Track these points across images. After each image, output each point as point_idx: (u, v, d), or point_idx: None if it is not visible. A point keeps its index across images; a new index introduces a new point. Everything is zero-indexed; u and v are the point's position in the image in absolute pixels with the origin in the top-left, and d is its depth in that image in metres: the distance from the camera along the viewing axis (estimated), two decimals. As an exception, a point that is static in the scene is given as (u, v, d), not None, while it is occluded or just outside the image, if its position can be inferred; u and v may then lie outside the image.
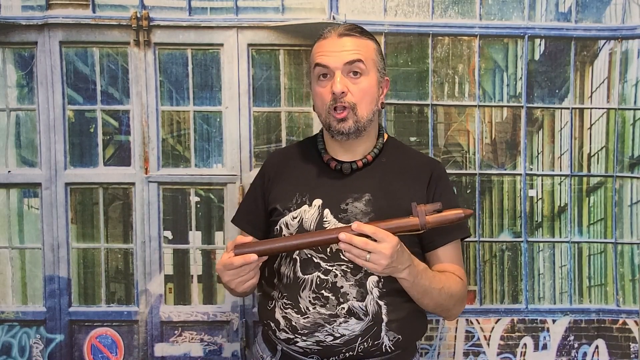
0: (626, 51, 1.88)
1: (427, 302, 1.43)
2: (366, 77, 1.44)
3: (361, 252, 1.28)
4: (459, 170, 1.91)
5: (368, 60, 1.44)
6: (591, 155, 1.92)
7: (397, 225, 1.32)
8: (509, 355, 1.93)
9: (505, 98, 1.91)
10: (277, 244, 1.36)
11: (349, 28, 1.46)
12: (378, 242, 1.27)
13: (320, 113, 1.48)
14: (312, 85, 1.49)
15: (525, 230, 1.92)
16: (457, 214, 1.33)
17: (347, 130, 1.43)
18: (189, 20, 1.87)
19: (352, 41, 1.43)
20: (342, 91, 1.40)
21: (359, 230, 1.28)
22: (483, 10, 1.88)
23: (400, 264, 1.31)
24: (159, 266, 1.91)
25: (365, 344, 1.40)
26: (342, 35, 1.44)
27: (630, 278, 1.93)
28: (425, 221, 1.32)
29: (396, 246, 1.28)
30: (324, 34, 1.47)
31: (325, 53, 1.43)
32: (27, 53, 1.87)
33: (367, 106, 1.45)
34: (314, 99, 1.49)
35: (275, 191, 1.53)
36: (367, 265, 1.29)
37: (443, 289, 1.41)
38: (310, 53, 1.49)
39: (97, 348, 1.92)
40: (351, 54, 1.42)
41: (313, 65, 1.46)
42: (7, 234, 1.91)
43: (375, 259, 1.28)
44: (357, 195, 1.45)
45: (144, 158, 1.90)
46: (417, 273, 1.36)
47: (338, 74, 1.41)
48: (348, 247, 1.28)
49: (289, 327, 1.43)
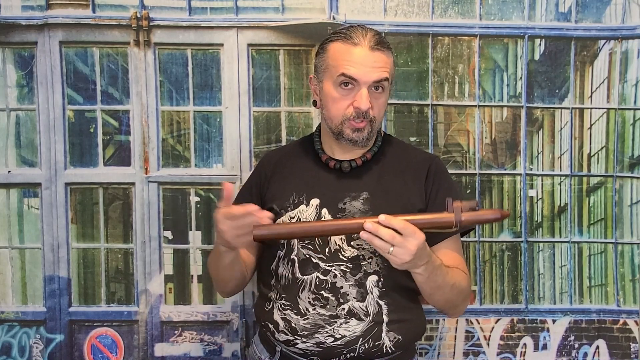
0: (626, 51, 1.88)
1: (438, 298, 1.41)
2: (385, 93, 1.43)
3: (385, 245, 1.23)
4: (459, 170, 1.91)
5: (390, 76, 1.43)
6: (591, 155, 1.91)
7: (429, 221, 1.25)
8: (509, 355, 1.93)
9: (505, 98, 1.91)
10: (299, 228, 1.30)
11: (379, 41, 1.40)
12: (404, 237, 1.22)
13: (332, 118, 1.43)
14: (327, 86, 1.43)
15: (525, 230, 1.92)
16: (494, 214, 1.26)
17: (361, 140, 1.42)
18: (189, 20, 1.87)
19: (382, 58, 1.40)
20: (368, 107, 1.39)
21: (387, 223, 1.22)
22: (483, 10, 1.88)
23: (420, 259, 1.28)
24: (159, 266, 1.91)
25: (366, 345, 1.40)
26: (374, 49, 1.38)
27: (630, 278, 1.93)
28: (461, 219, 1.24)
29: (422, 243, 1.24)
30: (351, 38, 1.39)
31: (354, 65, 1.38)
32: (27, 53, 1.88)
33: (382, 118, 1.47)
34: (327, 102, 1.44)
35: (272, 191, 1.52)
36: (389, 257, 1.25)
37: (455, 285, 1.39)
38: (328, 49, 1.43)
39: (97, 348, 1.92)
40: (381, 72, 1.39)
41: (337, 71, 1.40)
42: (7, 234, 1.91)
43: (399, 253, 1.23)
44: (355, 193, 1.45)
45: (144, 158, 1.90)
46: (433, 269, 1.32)
47: (365, 91, 1.38)
48: (370, 237, 1.23)
49: (289, 328, 1.42)
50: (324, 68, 1.44)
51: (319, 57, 1.47)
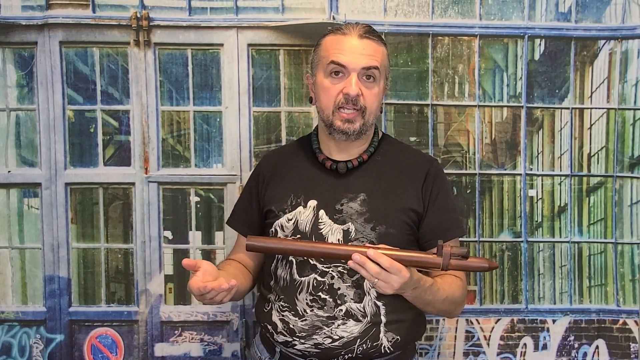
0: (626, 51, 1.88)
1: (429, 310, 1.45)
2: (378, 84, 1.43)
3: (370, 277, 1.27)
4: (459, 170, 1.91)
5: (382, 67, 1.43)
6: (591, 155, 1.91)
7: (417, 260, 1.29)
8: (509, 355, 1.93)
9: (505, 98, 1.91)
10: (290, 246, 1.33)
11: (368, 30, 1.43)
12: (389, 274, 1.26)
13: (323, 109, 1.45)
14: (319, 78, 1.45)
15: (525, 230, 1.92)
16: (481, 264, 1.30)
17: (352, 132, 1.42)
18: (189, 20, 1.87)
19: (371, 45, 1.41)
20: (357, 94, 1.40)
21: (375, 259, 1.25)
22: (483, 10, 1.88)
23: (405, 290, 1.32)
24: (159, 266, 1.91)
25: (364, 346, 1.40)
26: (362, 37, 1.41)
27: (630, 278, 1.93)
28: (448, 264, 1.29)
29: (406, 281, 1.27)
30: (341, 29, 1.43)
31: (343, 52, 1.40)
32: (27, 53, 1.87)
33: (375, 111, 1.45)
34: (319, 93, 1.45)
35: (270, 192, 1.52)
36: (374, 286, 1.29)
37: (446, 299, 1.41)
38: (321, 44, 1.46)
39: (97, 348, 1.92)
40: (370, 59, 1.40)
41: (327, 60, 1.42)
42: (7, 234, 1.91)
43: (382, 286, 1.28)
44: (352, 195, 1.45)
45: (144, 158, 1.90)
46: (421, 292, 1.35)
47: (354, 76, 1.39)
48: (357, 268, 1.27)
49: (287, 329, 1.42)
50: (317, 62, 1.47)
51: (314, 53, 1.49)
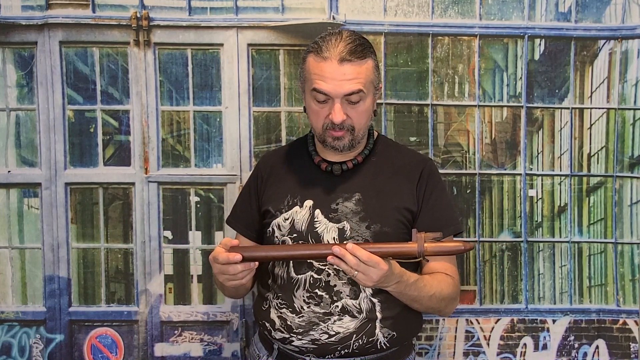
0: (626, 51, 1.88)
1: (416, 307, 1.46)
2: (364, 101, 1.42)
3: (350, 269, 1.29)
4: (459, 170, 1.91)
5: (367, 84, 1.41)
6: (591, 155, 1.91)
7: (393, 251, 1.32)
8: (509, 355, 1.93)
9: (505, 98, 1.91)
10: (272, 253, 1.37)
11: (349, 51, 1.37)
12: (367, 267, 1.28)
13: (313, 127, 1.46)
14: (307, 98, 1.45)
15: (525, 230, 1.92)
16: (457, 246, 1.32)
17: (342, 147, 1.44)
18: (188, 20, 1.87)
19: (352, 69, 1.37)
20: (342, 120, 1.39)
21: (353, 253, 1.28)
22: (483, 10, 1.88)
23: (386, 283, 1.34)
24: (159, 266, 1.91)
25: (360, 341, 1.42)
26: (343, 61, 1.37)
27: (630, 278, 1.93)
28: (423, 249, 1.31)
29: (385, 273, 1.29)
30: (321, 52, 1.38)
31: (325, 80, 1.38)
32: (27, 53, 1.88)
33: (364, 124, 1.46)
34: (308, 112, 1.46)
35: (268, 193, 1.54)
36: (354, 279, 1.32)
37: (434, 296, 1.42)
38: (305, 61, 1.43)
39: (97, 348, 1.92)
40: (352, 84, 1.38)
41: (310, 85, 1.40)
42: (7, 234, 1.91)
43: (362, 278, 1.30)
44: (347, 195, 1.47)
45: (144, 158, 1.90)
46: (405, 287, 1.37)
47: (337, 104, 1.38)
48: (337, 262, 1.29)
49: (284, 326, 1.45)
50: (303, 79, 1.46)
51: (300, 66, 1.47)
